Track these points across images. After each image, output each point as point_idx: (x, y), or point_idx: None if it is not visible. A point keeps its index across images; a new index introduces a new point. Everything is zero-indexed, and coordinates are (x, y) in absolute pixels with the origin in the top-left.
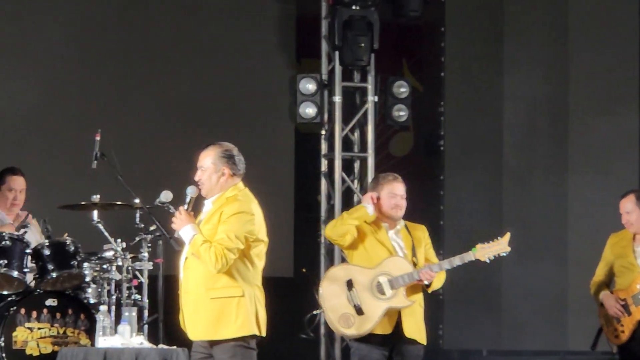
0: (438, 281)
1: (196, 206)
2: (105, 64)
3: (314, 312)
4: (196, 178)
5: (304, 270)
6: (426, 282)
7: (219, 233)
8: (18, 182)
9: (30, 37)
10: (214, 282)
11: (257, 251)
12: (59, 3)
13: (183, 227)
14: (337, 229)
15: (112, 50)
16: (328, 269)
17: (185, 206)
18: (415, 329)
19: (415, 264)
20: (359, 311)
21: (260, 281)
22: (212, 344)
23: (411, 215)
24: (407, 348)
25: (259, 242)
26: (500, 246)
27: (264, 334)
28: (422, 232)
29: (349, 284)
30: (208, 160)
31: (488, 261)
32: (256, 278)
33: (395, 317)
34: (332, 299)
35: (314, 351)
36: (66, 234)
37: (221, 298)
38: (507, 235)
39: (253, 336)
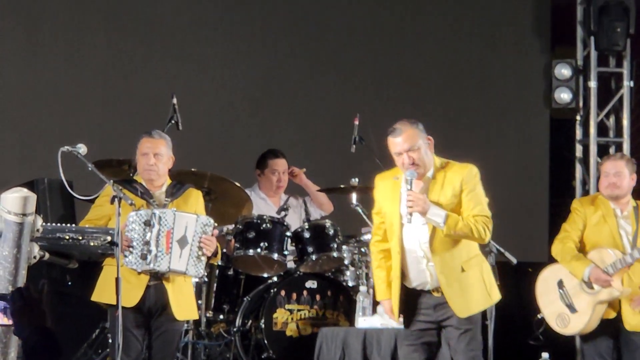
0: None
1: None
2: (365, 50)
3: (539, 316)
4: (410, 161)
5: None
6: None
7: (476, 204)
8: (280, 164)
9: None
10: (466, 254)
11: None
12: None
13: (429, 208)
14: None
15: (369, 39)
16: (541, 272)
17: (409, 187)
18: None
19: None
20: (572, 309)
21: None
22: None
23: None
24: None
25: None
26: None
27: None
28: None
29: (560, 284)
30: (416, 139)
31: None
32: None
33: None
34: (547, 301)
35: None
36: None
37: (475, 267)
38: None
39: None
